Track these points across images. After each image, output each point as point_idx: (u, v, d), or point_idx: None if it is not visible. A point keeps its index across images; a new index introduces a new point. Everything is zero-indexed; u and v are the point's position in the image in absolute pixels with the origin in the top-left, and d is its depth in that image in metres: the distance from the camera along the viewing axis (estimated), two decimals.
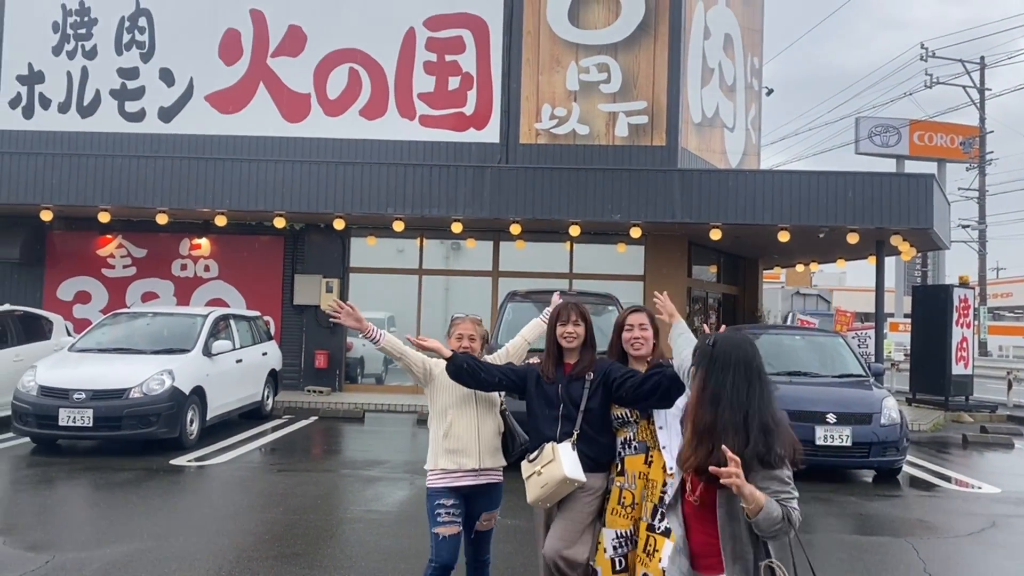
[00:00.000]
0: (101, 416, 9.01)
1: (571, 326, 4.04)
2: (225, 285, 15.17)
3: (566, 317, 4.06)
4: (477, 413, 4.18)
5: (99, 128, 15.26)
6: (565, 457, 3.79)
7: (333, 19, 15.22)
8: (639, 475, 3.86)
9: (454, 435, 4.16)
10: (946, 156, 37.99)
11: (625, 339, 4.02)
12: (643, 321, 4.03)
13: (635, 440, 3.93)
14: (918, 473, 9.66)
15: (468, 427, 4.16)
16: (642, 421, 3.93)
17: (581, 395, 3.93)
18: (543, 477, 3.81)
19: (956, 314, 15.17)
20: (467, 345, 4.23)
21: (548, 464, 3.81)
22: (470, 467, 4.13)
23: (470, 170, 13.45)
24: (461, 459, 4.13)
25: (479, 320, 4.41)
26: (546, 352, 4.11)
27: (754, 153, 18.51)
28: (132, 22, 15.41)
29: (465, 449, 4.14)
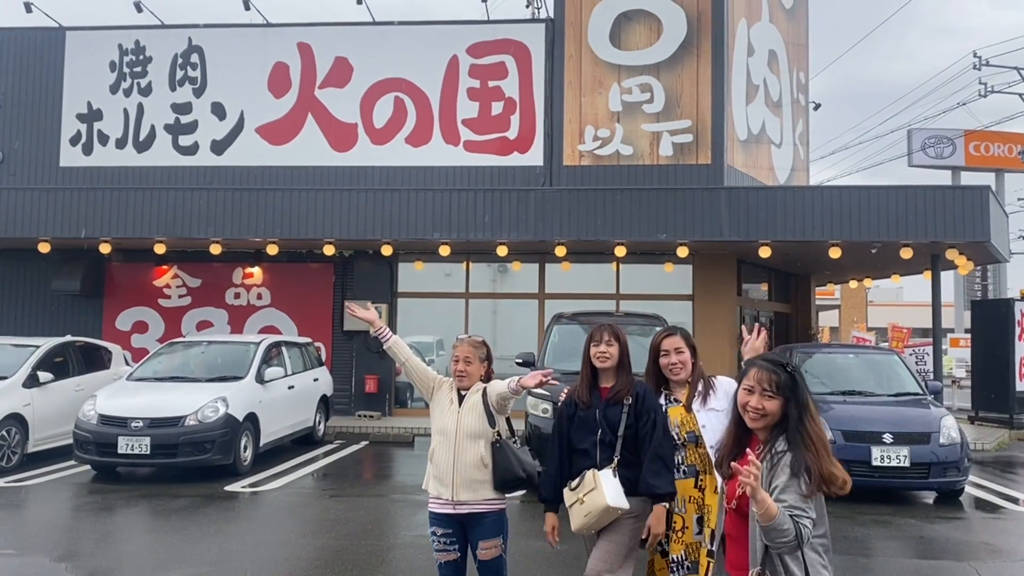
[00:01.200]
0: (158, 443, 9.21)
1: (604, 346, 3.95)
2: (277, 312, 15.44)
3: (599, 337, 3.98)
4: (455, 443, 4.08)
5: (154, 162, 15.74)
6: (607, 485, 3.73)
7: (378, 50, 15.52)
8: (689, 499, 3.83)
9: (435, 461, 4.15)
10: (1004, 166, 36.94)
11: (663, 364, 3.98)
12: (679, 345, 3.97)
13: (684, 464, 3.87)
14: (982, 494, 9.35)
15: (446, 456, 4.09)
16: (690, 444, 3.87)
17: (619, 419, 3.87)
18: (586, 506, 3.75)
19: (1018, 328, 14.71)
20: (462, 368, 4.16)
21: (590, 492, 3.75)
22: (445, 497, 4.07)
23: (514, 193, 13.52)
24: (439, 487, 4.11)
25: (479, 342, 4.30)
26: (580, 376, 4.03)
27: (803, 168, 18.27)
28: (185, 59, 15.90)
29: (442, 478, 4.10)
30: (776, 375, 2.81)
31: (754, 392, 2.83)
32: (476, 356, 4.19)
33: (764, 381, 2.82)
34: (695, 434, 3.89)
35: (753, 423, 2.84)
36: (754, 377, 2.84)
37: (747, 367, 2.93)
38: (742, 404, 2.86)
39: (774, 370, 2.83)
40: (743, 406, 2.86)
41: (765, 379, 2.82)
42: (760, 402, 2.80)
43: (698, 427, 3.89)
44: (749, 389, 2.85)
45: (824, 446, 2.76)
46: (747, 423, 2.88)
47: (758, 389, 2.82)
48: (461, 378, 4.16)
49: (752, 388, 2.84)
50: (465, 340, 4.26)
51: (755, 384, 2.84)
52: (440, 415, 4.19)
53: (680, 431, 3.92)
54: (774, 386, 2.81)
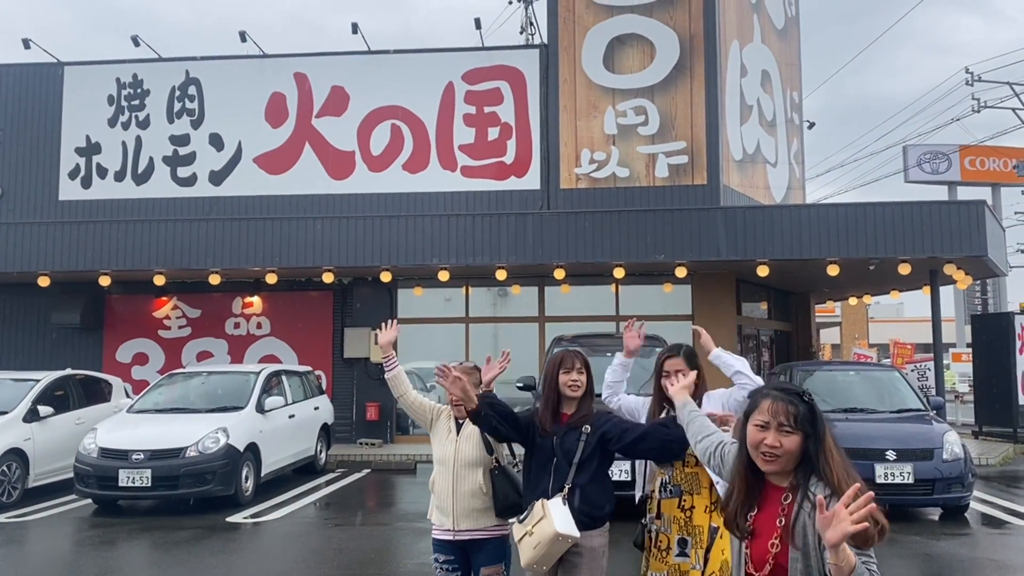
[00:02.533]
0: (159, 476, 9.17)
1: (575, 374, 3.80)
2: (277, 341, 15.43)
3: (570, 365, 3.82)
4: (454, 473, 4.06)
5: (153, 194, 15.82)
6: (556, 512, 3.54)
7: (374, 78, 15.65)
8: (674, 519, 3.80)
9: (437, 491, 4.14)
10: (1000, 180, 37.10)
11: (664, 385, 3.89)
12: (680, 366, 3.90)
13: (671, 483, 3.83)
14: (987, 510, 9.30)
15: (446, 486, 4.08)
16: (677, 463, 3.82)
17: (576, 447, 3.69)
18: (535, 537, 3.55)
19: (1019, 342, 14.69)
20: None
21: (539, 522, 3.56)
22: (447, 527, 4.07)
23: (512, 217, 13.56)
24: (441, 517, 4.11)
25: (471, 368, 4.22)
26: (544, 402, 3.87)
27: (798, 187, 18.34)
28: (182, 91, 16.03)
29: (443, 508, 4.10)
30: (793, 406, 2.43)
31: (769, 428, 2.43)
32: (470, 383, 4.04)
33: (781, 414, 2.43)
34: (683, 455, 3.82)
35: (768, 464, 2.44)
36: (769, 410, 2.44)
37: (756, 399, 2.54)
38: (754, 443, 2.45)
39: (791, 400, 2.45)
40: (755, 445, 2.45)
41: (782, 412, 2.43)
42: (777, 439, 2.41)
43: None
44: (762, 425, 2.44)
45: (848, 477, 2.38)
46: (760, 465, 2.46)
47: (774, 424, 2.42)
48: (458, 407, 4.09)
49: (766, 423, 2.43)
50: (458, 367, 4.12)
51: (770, 419, 2.43)
52: (439, 444, 4.18)
53: None
54: (792, 419, 2.42)
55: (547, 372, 3.88)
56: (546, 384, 3.88)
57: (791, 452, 2.41)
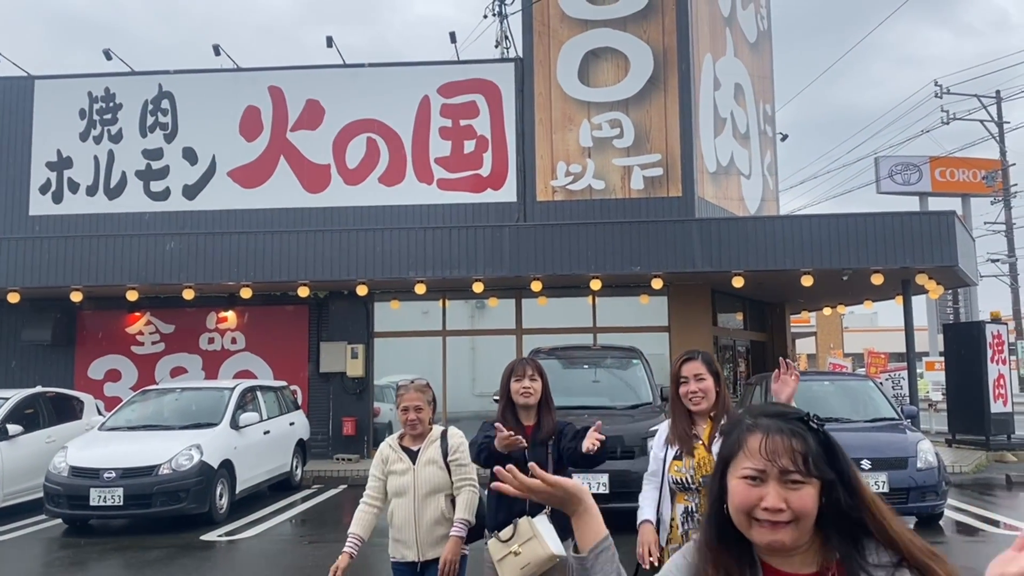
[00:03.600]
0: (131, 494, 9.03)
1: (527, 381, 3.72)
2: (252, 356, 15.29)
3: (521, 372, 3.75)
4: (415, 502, 3.94)
5: (126, 209, 15.66)
6: (546, 532, 3.39)
7: (349, 91, 15.63)
8: None
9: (396, 524, 4.01)
10: (970, 191, 37.69)
11: (682, 393, 3.48)
12: (699, 371, 3.44)
13: (698, 512, 3.38)
14: (962, 518, 9.38)
15: (407, 517, 3.95)
16: (704, 490, 3.26)
17: (546, 460, 3.62)
18: (523, 557, 3.37)
19: (990, 351, 14.87)
20: (414, 417, 3.95)
21: (527, 542, 3.38)
22: (411, 559, 3.97)
23: (489, 230, 13.57)
24: (403, 550, 4.00)
25: (425, 385, 4.08)
26: (501, 414, 3.75)
27: (772, 199, 18.51)
28: (155, 104, 15.91)
29: (405, 540, 3.97)
30: (800, 439, 1.49)
31: (766, 482, 1.47)
32: (425, 401, 3.99)
33: (782, 455, 1.47)
34: None
35: (771, 536, 1.47)
36: (761, 455, 1.48)
37: (737, 434, 1.55)
38: (743, 507, 1.48)
39: (795, 431, 1.51)
40: (745, 510, 1.48)
41: (783, 451, 1.47)
42: (782, 499, 1.46)
43: None
44: (752, 477, 1.48)
45: (911, 532, 1.53)
46: (758, 541, 1.49)
47: (774, 476, 1.46)
48: (413, 426, 3.97)
49: (759, 476, 1.47)
50: (411, 386, 4.03)
51: (766, 468, 1.47)
52: (395, 478, 4.01)
53: (695, 474, 3.39)
54: (801, 461, 1.47)
55: (502, 384, 3.79)
56: (502, 396, 3.79)
57: (806, 513, 1.47)
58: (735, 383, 17.26)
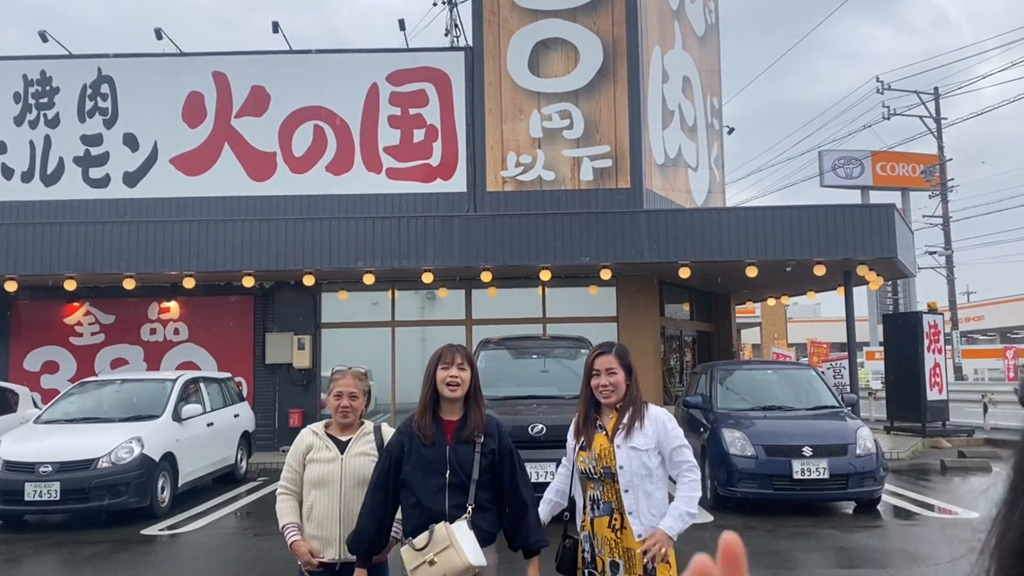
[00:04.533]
0: (68, 488, 8.78)
1: (455, 370, 3.30)
2: (196, 347, 15.00)
3: (449, 359, 3.33)
4: (341, 494, 3.56)
5: (63, 196, 15.20)
6: (464, 540, 3.13)
7: (296, 78, 15.38)
8: (605, 539, 3.41)
9: (316, 518, 3.57)
10: (909, 185, 38.72)
11: (593, 385, 3.48)
12: (611, 365, 3.45)
13: (602, 500, 3.41)
14: (898, 502, 9.64)
15: (330, 511, 3.55)
16: (607, 479, 3.41)
17: (472, 460, 3.25)
18: (438, 567, 3.10)
19: (927, 340, 15.30)
20: (347, 404, 3.61)
21: (444, 551, 3.11)
22: (330, 557, 3.55)
23: (438, 220, 13.50)
24: (321, 546, 3.56)
25: (362, 373, 3.74)
26: (421, 405, 3.37)
27: (719, 191, 18.76)
28: (94, 89, 15.46)
29: (326, 537, 3.55)
30: None
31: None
32: (360, 390, 3.66)
33: None
34: (611, 471, 3.38)
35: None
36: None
37: None
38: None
39: None
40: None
41: None
42: None
43: (615, 464, 3.39)
44: None
45: None
46: None
47: None
48: (345, 414, 3.63)
49: None
50: (348, 372, 3.70)
51: None
52: (317, 467, 3.61)
53: (597, 464, 3.41)
54: None
55: (426, 371, 3.39)
56: (425, 383, 3.37)
57: None
58: (682, 372, 17.49)
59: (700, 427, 10.03)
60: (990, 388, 19.95)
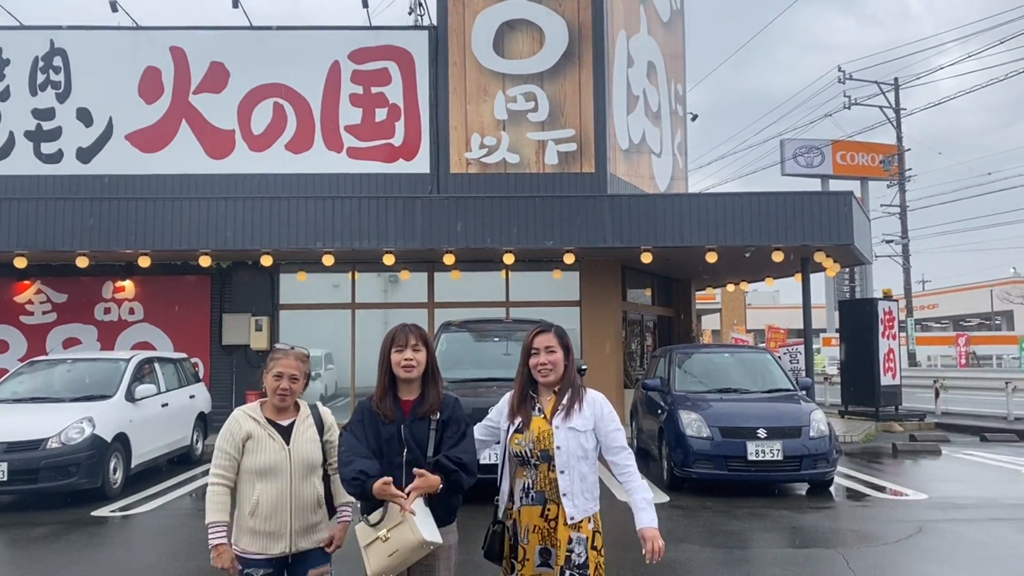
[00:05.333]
0: (16, 469, 8.58)
1: (410, 351, 3.27)
2: (151, 328, 14.75)
3: (403, 341, 3.28)
4: (290, 485, 3.39)
5: (14, 171, 14.80)
6: (419, 516, 3.08)
7: (255, 55, 15.11)
8: (534, 528, 3.33)
9: (262, 514, 3.35)
10: (868, 174, 39.36)
11: (532, 364, 3.43)
12: (550, 343, 3.42)
13: (534, 488, 3.34)
14: (850, 484, 9.82)
15: (279, 502, 3.36)
16: (542, 464, 3.33)
17: (427, 437, 3.23)
18: (391, 543, 3.06)
19: (882, 326, 15.58)
20: (286, 387, 3.44)
21: (397, 526, 3.07)
22: (278, 552, 3.37)
23: (400, 201, 13.38)
24: (268, 542, 3.36)
25: (305, 355, 3.55)
26: (380, 388, 3.32)
27: (681, 177, 18.86)
28: (47, 62, 15.04)
29: (276, 531, 3.35)
30: None
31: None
32: (302, 372, 3.49)
33: None
34: (549, 453, 3.32)
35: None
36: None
37: None
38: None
39: None
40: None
41: None
42: None
43: (553, 446, 3.33)
44: None
45: None
46: None
47: None
48: (283, 397, 3.45)
49: None
50: (291, 352, 3.50)
51: None
52: (261, 454, 3.39)
53: (535, 447, 3.33)
54: None
55: (381, 353, 3.35)
56: (381, 366, 3.33)
57: None
58: (642, 356, 17.61)
59: (658, 409, 10.10)
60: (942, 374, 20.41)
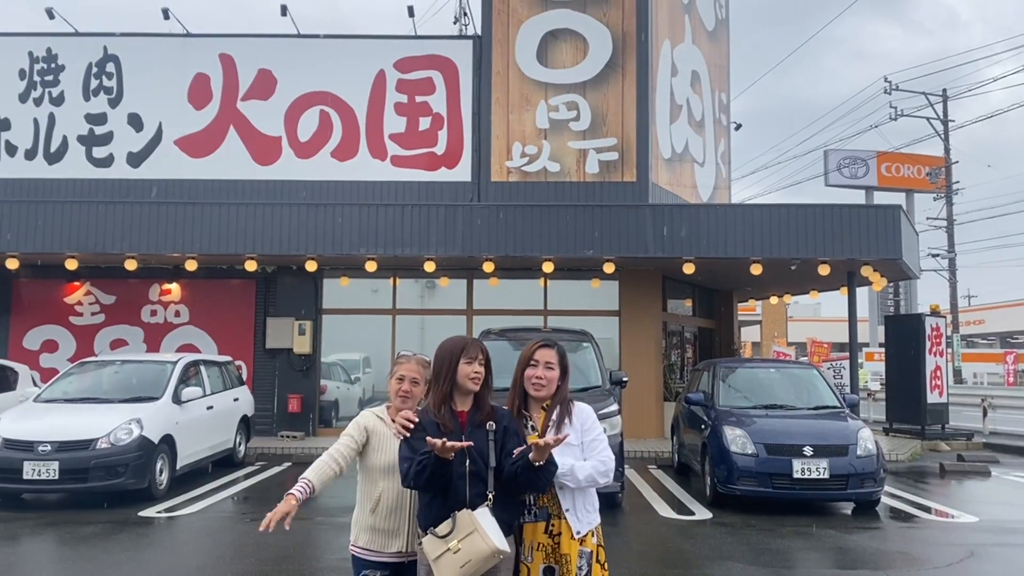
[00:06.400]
0: (67, 468, 8.77)
1: (477, 365, 3.32)
2: (196, 330, 14.97)
3: (473, 354, 3.33)
4: None
5: (66, 175, 15.14)
6: (488, 525, 3.10)
7: (303, 63, 15.30)
8: (538, 546, 3.35)
9: (383, 511, 3.44)
10: (914, 187, 38.64)
11: (527, 375, 3.45)
12: (550, 360, 3.45)
13: (535, 505, 3.37)
14: (897, 504, 9.63)
15: (401, 501, 3.44)
16: None
17: (487, 447, 3.25)
18: (462, 554, 3.07)
19: (929, 343, 15.28)
20: (407, 389, 3.54)
21: (467, 536, 3.07)
22: (395, 549, 3.44)
23: (442, 209, 13.44)
24: (387, 540, 3.44)
25: (427, 362, 3.60)
26: (438, 394, 3.34)
27: (724, 187, 18.70)
28: (100, 68, 15.38)
29: (395, 529, 3.44)
30: None
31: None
32: (423, 378, 3.56)
33: None
34: None
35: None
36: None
37: None
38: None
39: None
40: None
41: None
42: None
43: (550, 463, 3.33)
44: None
45: None
46: None
47: None
48: (405, 399, 3.53)
49: None
50: (413, 357, 3.60)
51: None
52: (384, 454, 3.47)
53: None
54: None
55: (445, 360, 3.35)
56: (443, 375, 3.33)
57: None
58: (682, 369, 17.46)
59: (701, 424, 10.01)
60: (990, 392, 19.96)
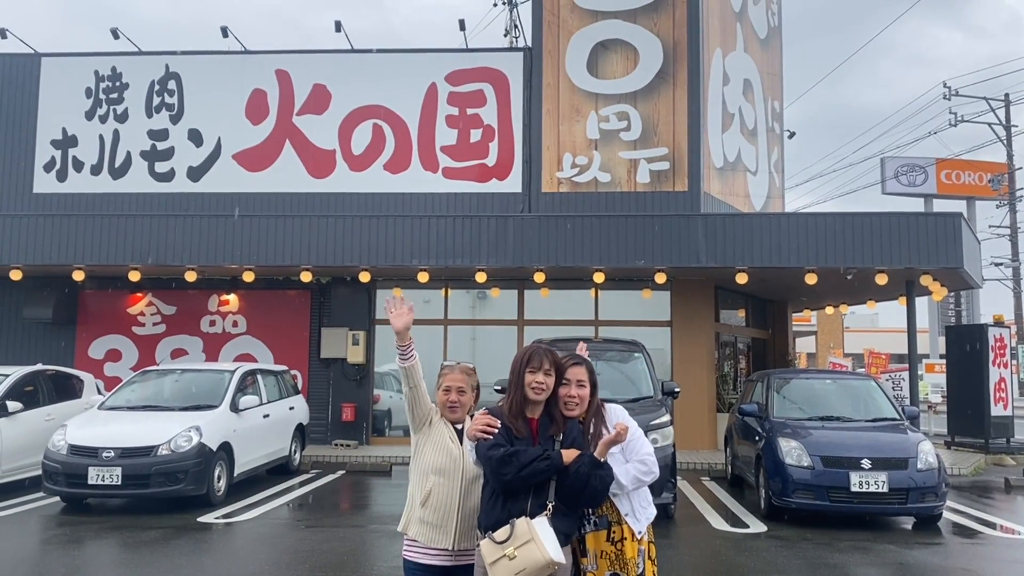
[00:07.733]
0: (129, 474, 9.03)
1: (542, 375, 3.36)
2: (253, 340, 15.28)
3: (538, 364, 3.37)
4: (463, 485, 3.54)
5: (130, 189, 15.63)
6: (545, 535, 3.15)
7: (356, 77, 15.57)
8: (601, 554, 3.40)
9: (432, 505, 3.54)
10: (975, 194, 37.55)
11: (561, 394, 3.45)
12: (581, 377, 3.46)
13: (595, 514, 3.43)
14: (960, 519, 9.36)
15: (449, 500, 3.53)
16: None
17: None
18: (518, 561, 3.12)
19: (992, 354, 14.84)
20: (455, 399, 3.63)
21: (524, 545, 3.13)
22: (442, 546, 3.52)
23: (493, 220, 13.52)
24: (434, 534, 3.53)
25: (471, 369, 3.72)
26: (512, 402, 3.41)
27: (778, 196, 18.46)
28: (162, 85, 15.86)
29: (442, 524, 3.52)
30: None
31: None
32: (469, 386, 3.67)
33: None
34: None
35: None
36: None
37: None
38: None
39: None
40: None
41: None
42: None
43: None
44: None
45: None
46: None
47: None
48: (453, 409, 3.64)
49: None
50: (456, 367, 3.71)
51: None
52: (438, 452, 3.60)
53: None
54: None
55: (513, 369, 3.42)
56: (512, 384, 3.42)
57: None
58: (735, 379, 17.23)
59: (755, 436, 9.87)
60: None
